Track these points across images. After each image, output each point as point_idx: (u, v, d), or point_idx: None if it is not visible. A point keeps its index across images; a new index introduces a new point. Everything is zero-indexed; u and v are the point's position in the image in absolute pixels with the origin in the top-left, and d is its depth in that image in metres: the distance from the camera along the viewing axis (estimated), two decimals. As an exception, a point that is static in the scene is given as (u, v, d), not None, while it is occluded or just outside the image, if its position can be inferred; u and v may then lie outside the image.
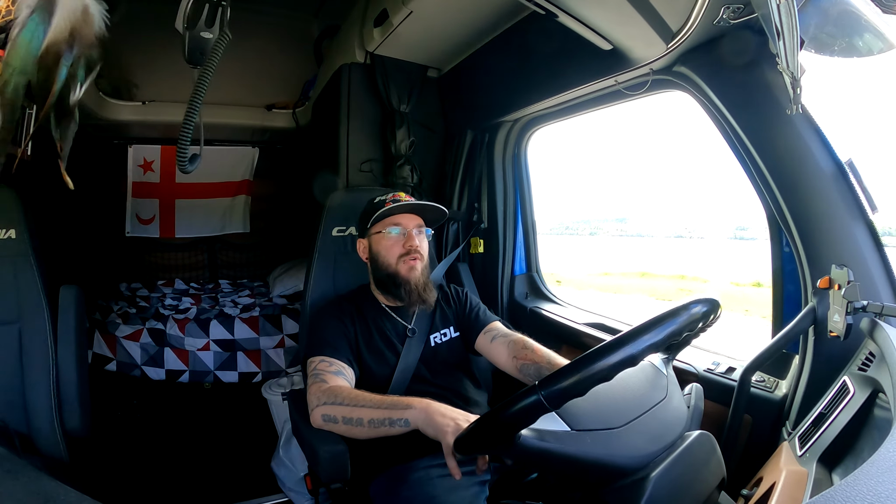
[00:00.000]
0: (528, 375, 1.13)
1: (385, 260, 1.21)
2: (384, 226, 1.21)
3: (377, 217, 1.21)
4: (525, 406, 0.58)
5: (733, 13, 0.89)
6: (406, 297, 1.20)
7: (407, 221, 1.22)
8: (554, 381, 0.58)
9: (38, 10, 0.56)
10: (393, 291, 1.22)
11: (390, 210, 1.20)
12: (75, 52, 0.59)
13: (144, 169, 3.28)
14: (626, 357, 0.58)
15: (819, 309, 0.94)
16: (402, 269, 1.20)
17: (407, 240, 1.20)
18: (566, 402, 0.59)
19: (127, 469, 2.00)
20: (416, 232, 1.22)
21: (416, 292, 1.20)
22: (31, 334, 1.26)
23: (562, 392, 0.58)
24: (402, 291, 1.20)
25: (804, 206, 0.97)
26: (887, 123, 1.45)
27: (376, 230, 1.22)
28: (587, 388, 0.58)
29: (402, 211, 1.21)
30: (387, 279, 1.21)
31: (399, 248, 1.20)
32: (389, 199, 1.21)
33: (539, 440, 0.63)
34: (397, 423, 0.92)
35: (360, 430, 0.97)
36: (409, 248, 1.19)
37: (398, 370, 1.19)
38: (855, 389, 0.74)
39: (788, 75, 0.71)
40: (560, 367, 0.60)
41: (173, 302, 3.04)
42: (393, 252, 1.20)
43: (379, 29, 1.62)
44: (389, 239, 1.20)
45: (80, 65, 0.61)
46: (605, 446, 0.66)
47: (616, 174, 8.44)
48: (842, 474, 0.68)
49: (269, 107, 2.90)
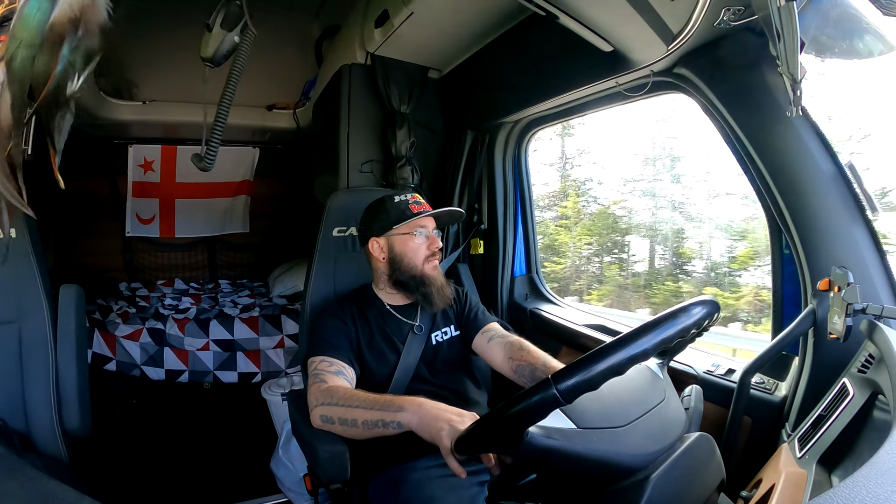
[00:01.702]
0: (523, 377, 1.13)
1: (412, 261, 1.22)
2: (411, 227, 1.22)
3: (401, 217, 1.22)
4: (538, 400, 0.58)
5: (734, 15, 0.89)
6: (429, 297, 1.22)
7: (430, 224, 1.25)
8: (568, 375, 0.58)
9: None
10: (417, 290, 1.22)
11: (422, 213, 1.22)
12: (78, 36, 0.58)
13: (145, 169, 3.27)
14: (640, 351, 0.59)
15: (819, 311, 0.94)
16: (428, 269, 1.22)
17: (432, 242, 1.23)
18: (579, 397, 0.58)
19: (126, 469, 2.00)
20: (435, 233, 1.25)
21: (439, 292, 1.22)
22: (30, 333, 1.26)
23: (576, 385, 0.57)
24: (428, 291, 1.21)
25: (804, 208, 0.97)
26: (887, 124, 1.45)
27: (402, 231, 1.22)
28: (601, 381, 0.58)
29: (429, 214, 1.24)
30: (411, 280, 1.22)
31: (425, 250, 1.22)
32: (412, 202, 1.23)
33: (546, 437, 0.63)
34: (390, 426, 0.92)
35: (355, 430, 0.97)
36: (434, 249, 1.23)
37: (399, 369, 1.19)
38: (854, 391, 0.74)
39: (789, 77, 0.71)
40: (573, 361, 0.60)
41: (173, 302, 3.04)
42: (420, 253, 1.22)
43: (380, 29, 1.62)
44: (418, 240, 1.22)
45: (80, 52, 0.60)
46: (611, 444, 0.66)
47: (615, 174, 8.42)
48: (841, 476, 0.68)
49: (269, 107, 2.90)
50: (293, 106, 2.86)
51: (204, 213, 3.49)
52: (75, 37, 0.57)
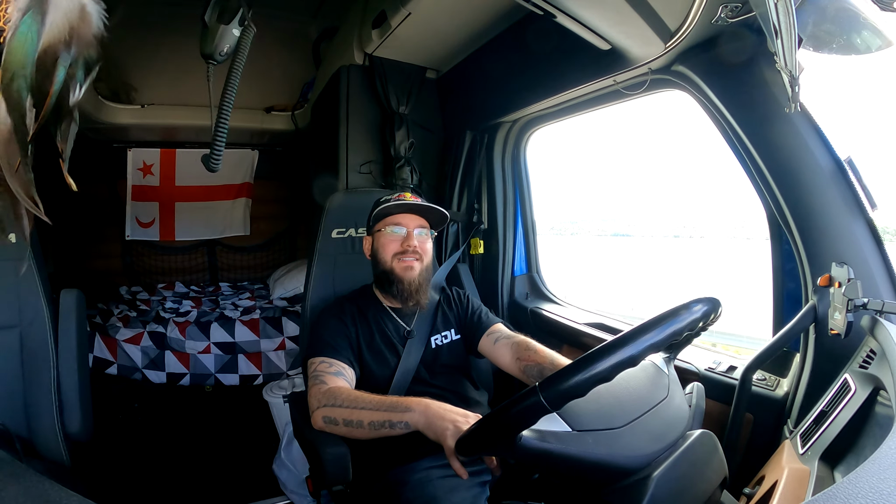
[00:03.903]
0: (532, 376, 1.13)
1: (382, 257, 1.22)
2: (385, 224, 1.22)
3: (378, 215, 1.23)
4: (525, 407, 0.59)
5: (731, 12, 0.89)
6: (398, 295, 1.21)
7: (408, 221, 1.23)
8: (554, 383, 0.58)
9: (30, 12, 0.55)
10: (388, 289, 1.23)
11: (388, 209, 1.21)
12: (73, 53, 0.58)
13: (144, 172, 3.28)
14: (627, 358, 0.58)
15: (819, 307, 0.94)
16: (397, 267, 1.21)
17: (406, 239, 1.21)
18: (567, 403, 0.59)
19: (128, 472, 2.00)
20: (416, 232, 1.23)
21: (408, 292, 1.20)
22: (31, 338, 1.25)
23: (562, 393, 0.58)
24: (395, 290, 1.21)
25: (804, 204, 0.97)
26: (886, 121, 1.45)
27: (378, 228, 1.23)
28: (587, 388, 0.58)
29: (401, 210, 1.22)
30: (382, 276, 1.23)
31: (396, 247, 1.21)
32: (394, 199, 1.23)
33: (540, 441, 0.63)
34: (397, 426, 0.92)
35: (361, 431, 0.97)
36: (406, 247, 1.20)
37: (399, 371, 1.19)
38: (856, 387, 0.74)
39: (787, 73, 0.71)
40: (560, 368, 0.60)
41: (174, 305, 3.04)
42: (389, 249, 1.21)
43: (377, 30, 1.63)
44: (388, 237, 1.22)
45: (79, 65, 0.60)
46: (607, 446, 0.66)
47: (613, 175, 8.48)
48: (844, 472, 0.68)
49: (268, 109, 2.91)
50: (292, 108, 2.86)
51: (204, 216, 3.50)
52: (69, 55, 0.58)
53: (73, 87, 0.61)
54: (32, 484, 0.49)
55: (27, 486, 0.49)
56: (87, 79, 0.62)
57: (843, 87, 1.02)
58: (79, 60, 0.59)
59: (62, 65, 0.57)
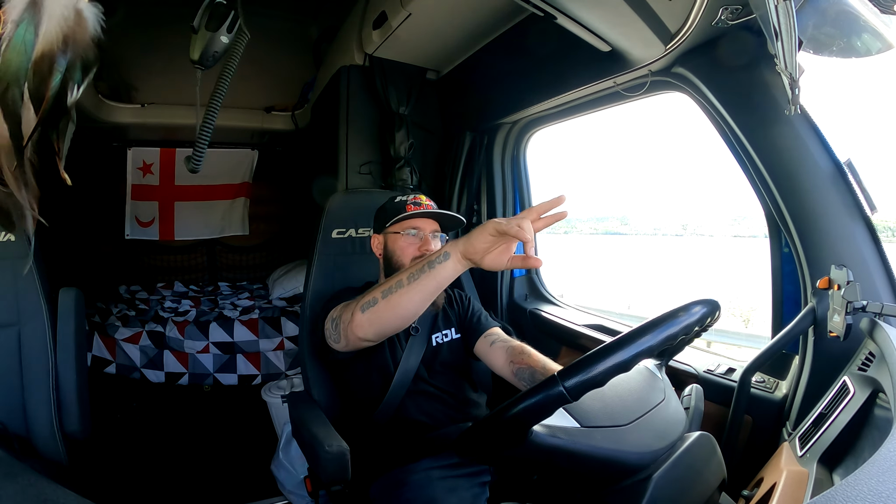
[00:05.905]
0: (523, 380, 1.13)
1: (399, 259, 1.22)
2: (403, 227, 1.22)
3: (394, 215, 1.22)
4: (545, 397, 0.58)
5: (731, 14, 0.90)
6: None
7: (424, 225, 1.23)
8: (575, 372, 0.58)
9: (23, 21, 0.55)
10: None
11: (412, 214, 1.21)
12: (70, 57, 0.58)
13: (144, 171, 3.28)
14: (646, 348, 0.59)
15: (819, 309, 0.94)
16: None
17: (423, 243, 1.22)
18: (586, 393, 0.58)
19: (126, 472, 2.00)
20: (431, 236, 1.23)
21: None
22: (30, 337, 1.25)
23: (583, 382, 0.57)
24: None
25: (803, 207, 0.97)
26: (886, 124, 1.45)
27: (394, 230, 1.23)
28: (607, 378, 0.58)
29: (422, 216, 1.23)
30: None
31: (414, 250, 1.21)
32: (411, 202, 1.23)
33: (551, 436, 0.63)
34: (436, 262, 0.88)
35: (402, 292, 0.92)
36: (424, 251, 1.21)
37: (400, 368, 1.19)
38: (855, 389, 0.74)
39: (787, 76, 0.71)
40: (578, 359, 0.60)
41: (172, 304, 3.04)
42: (407, 253, 1.21)
43: (378, 31, 1.63)
44: (406, 240, 1.22)
45: (77, 68, 0.60)
46: (615, 442, 0.66)
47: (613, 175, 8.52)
48: (842, 474, 0.68)
49: (268, 109, 2.90)
50: (292, 108, 2.86)
51: (203, 216, 3.50)
52: (65, 59, 0.58)
53: (70, 88, 0.61)
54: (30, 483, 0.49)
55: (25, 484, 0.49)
56: (84, 80, 0.62)
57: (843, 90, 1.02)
58: (76, 63, 0.60)
59: (58, 70, 0.58)
